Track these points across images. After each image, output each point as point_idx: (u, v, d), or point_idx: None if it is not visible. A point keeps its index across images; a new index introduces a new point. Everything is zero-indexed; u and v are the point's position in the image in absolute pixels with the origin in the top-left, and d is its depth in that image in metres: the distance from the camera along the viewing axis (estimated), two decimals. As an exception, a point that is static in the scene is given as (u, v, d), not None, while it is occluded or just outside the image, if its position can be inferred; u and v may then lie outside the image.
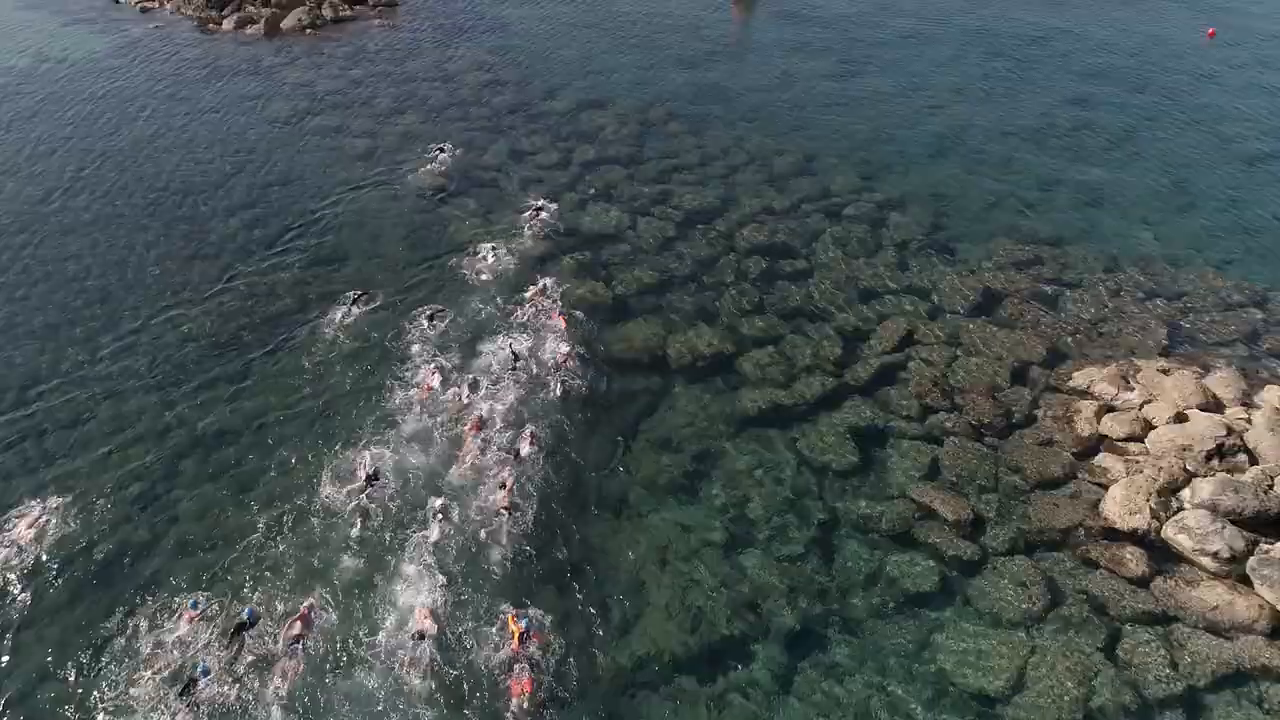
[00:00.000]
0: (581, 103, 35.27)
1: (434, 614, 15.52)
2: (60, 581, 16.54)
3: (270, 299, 23.95)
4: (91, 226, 26.95)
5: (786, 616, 16.32)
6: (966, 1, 48.18)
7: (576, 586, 16.66)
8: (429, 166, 30.16)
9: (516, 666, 14.95)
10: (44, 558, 16.85)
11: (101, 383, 21.00)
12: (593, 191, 29.09)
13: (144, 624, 15.64)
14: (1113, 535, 17.00)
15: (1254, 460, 17.63)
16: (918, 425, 20.20)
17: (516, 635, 15.22)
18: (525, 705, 14.45)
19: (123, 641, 15.45)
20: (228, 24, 40.67)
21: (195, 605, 15.58)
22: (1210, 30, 43.84)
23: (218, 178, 29.59)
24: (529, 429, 19.51)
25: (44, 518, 17.35)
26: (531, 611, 15.81)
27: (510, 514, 17.55)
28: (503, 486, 17.95)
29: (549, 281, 24.27)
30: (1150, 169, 31.71)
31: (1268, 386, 19.83)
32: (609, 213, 27.90)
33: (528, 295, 23.77)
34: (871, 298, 24.50)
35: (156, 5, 43.38)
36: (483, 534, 17.31)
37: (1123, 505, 16.94)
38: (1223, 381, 19.95)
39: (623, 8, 46.19)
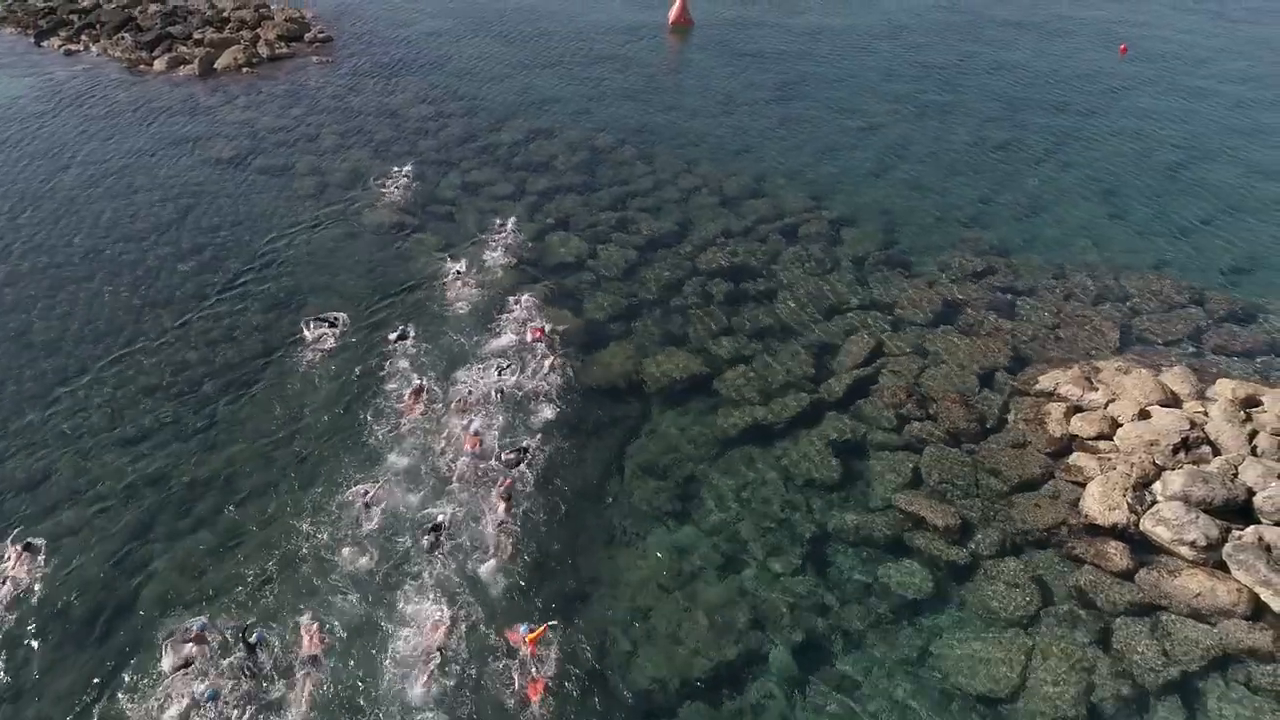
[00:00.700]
0: (529, 133, 35.36)
1: (444, 628, 15.51)
2: (39, 643, 15.62)
3: (229, 344, 23.21)
4: (30, 279, 25.75)
5: (790, 633, 16.40)
6: (887, 28, 50.05)
7: (579, 617, 16.46)
8: (386, 196, 29.89)
9: (530, 669, 15.08)
10: (13, 619, 15.91)
11: (59, 440, 19.98)
12: (550, 221, 29.12)
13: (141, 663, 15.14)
14: (1095, 531, 17.60)
15: (1216, 451, 18.48)
16: (895, 436, 20.65)
17: (522, 643, 15.37)
18: (543, 705, 14.70)
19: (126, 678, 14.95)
20: (159, 65, 39.61)
21: (203, 628, 15.17)
22: (1122, 47, 46.35)
23: (162, 222, 28.67)
24: (528, 442, 19.65)
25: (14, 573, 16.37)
26: (526, 624, 15.75)
27: (511, 523, 17.65)
28: (504, 499, 17.91)
29: (525, 297, 24.41)
30: (1079, 181, 33.22)
31: (1219, 380, 20.85)
32: (569, 241, 27.92)
33: (507, 312, 23.92)
34: (836, 314, 25.01)
35: (81, 48, 42.00)
36: (484, 549, 17.31)
37: (1101, 502, 17.56)
38: (1177, 378, 20.91)
39: (558, 43, 46.52)
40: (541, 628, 15.55)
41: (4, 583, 15.97)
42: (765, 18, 51.10)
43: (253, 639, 14.99)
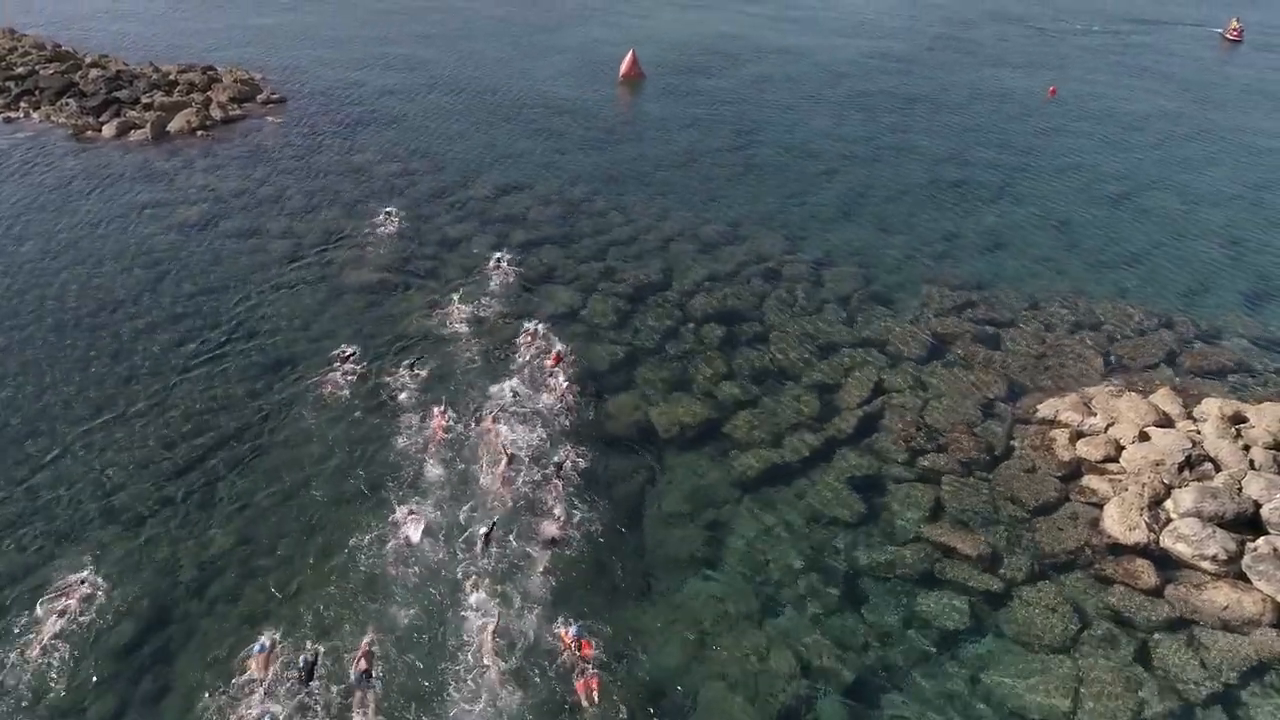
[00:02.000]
0: (500, 187, 35.49)
1: (496, 633, 16.04)
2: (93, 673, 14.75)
3: (224, 412, 22.42)
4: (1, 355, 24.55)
5: (838, 674, 16.40)
6: (828, 77, 52.11)
7: (626, 675, 16.19)
8: (368, 253, 29.82)
9: (580, 669, 15.59)
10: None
11: (62, 522, 18.96)
12: (535, 274, 29.09)
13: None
14: (1118, 550, 18.21)
15: (1218, 467, 19.38)
16: (909, 469, 21.08)
17: (572, 644, 15.88)
18: (596, 701, 15.15)
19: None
20: (109, 130, 38.54)
21: (262, 648, 15.53)
22: (1051, 89, 49.06)
23: (133, 291, 27.67)
24: (559, 456, 20.36)
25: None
26: (578, 624, 16.37)
27: (562, 538, 18.42)
28: (553, 516, 18.72)
29: (538, 325, 25.22)
30: (1032, 215, 34.90)
31: (1204, 400, 21.94)
32: (557, 293, 27.96)
33: (521, 340, 24.73)
34: (831, 353, 25.54)
35: (21, 115, 40.63)
36: (530, 561, 17.93)
37: (1121, 522, 18.20)
38: (1164, 399, 21.93)
39: (511, 98, 47.05)
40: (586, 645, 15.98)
41: (61, 615, 16.43)
42: (711, 70, 52.61)
43: (307, 660, 15.34)
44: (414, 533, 18.12)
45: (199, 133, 38.96)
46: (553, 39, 58.49)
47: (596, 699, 15.20)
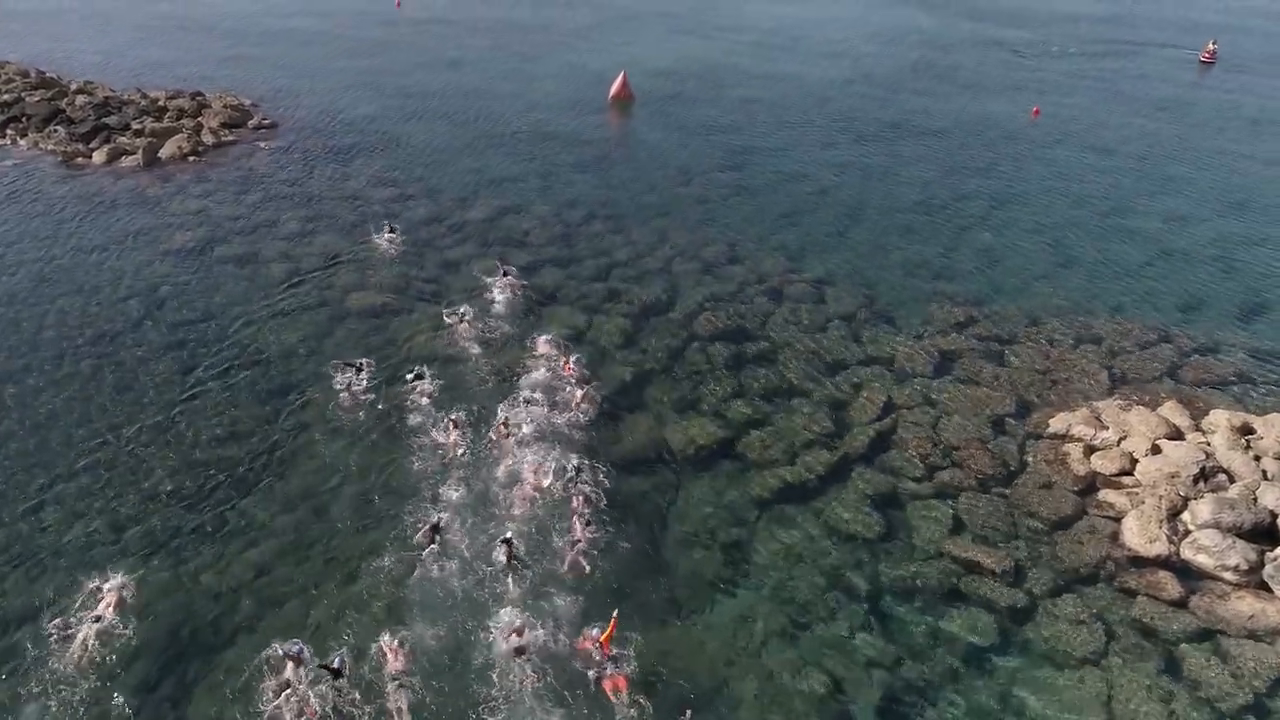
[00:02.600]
0: (498, 210, 35.45)
1: (527, 630, 16.49)
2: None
3: (232, 440, 22.11)
4: (-2, 386, 24.10)
5: (870, 692, 16.38)
6: (814, 100, 52.64)
7: (658, 696, 16.03)
8: (370, 276, 29.81)
9: (607, 668, 16.03)
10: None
11: (71, 557, 18.53)
12: (539, 296, 29.02)
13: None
14: (1140, 563, 18.35)
15: (1232, 478, 19.61)
16: (926, 485, 21.16)
17: (594, 645, 16.30)
18: (625, 699, 15.57)
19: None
20: (99, 157, 38.14)
21: (299, 650, 15.78)
22: (1034, 110, 49.94)
23: (131, 319, 27.30)
24: (576, 461, 20.76)
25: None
26: (598, 626, 16.70)
27: (587, 539, 18.86)
28: (580, 518, 19.18)
29: (547, 336, 25.74)
30: (1025, 233, 35.33)
31: (1211, 412, 22.25)
32: (564, 314, 27.91)
33: (535, 351, 25.24)
34: (839, 370, 25.65)
35: (8, 142, 40.11)
36: (558, 562, 18.48)
37: (1140, 534, 18.35)
38: (1172, 412, 22.21)
39: (502, 121, 47.06)
40: (610, 624, 16.40)
41: (97, 621, 16.51)
42: (698, 93, 53.00)
43: (335, 664, 15.59)
44: (440, 538, 18.65)
45: (191, 158, 38.66)
46: (539, 64, 58.74)
47: (625, 697, 15.57)
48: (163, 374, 24.67)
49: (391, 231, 32.15)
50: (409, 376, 23.78)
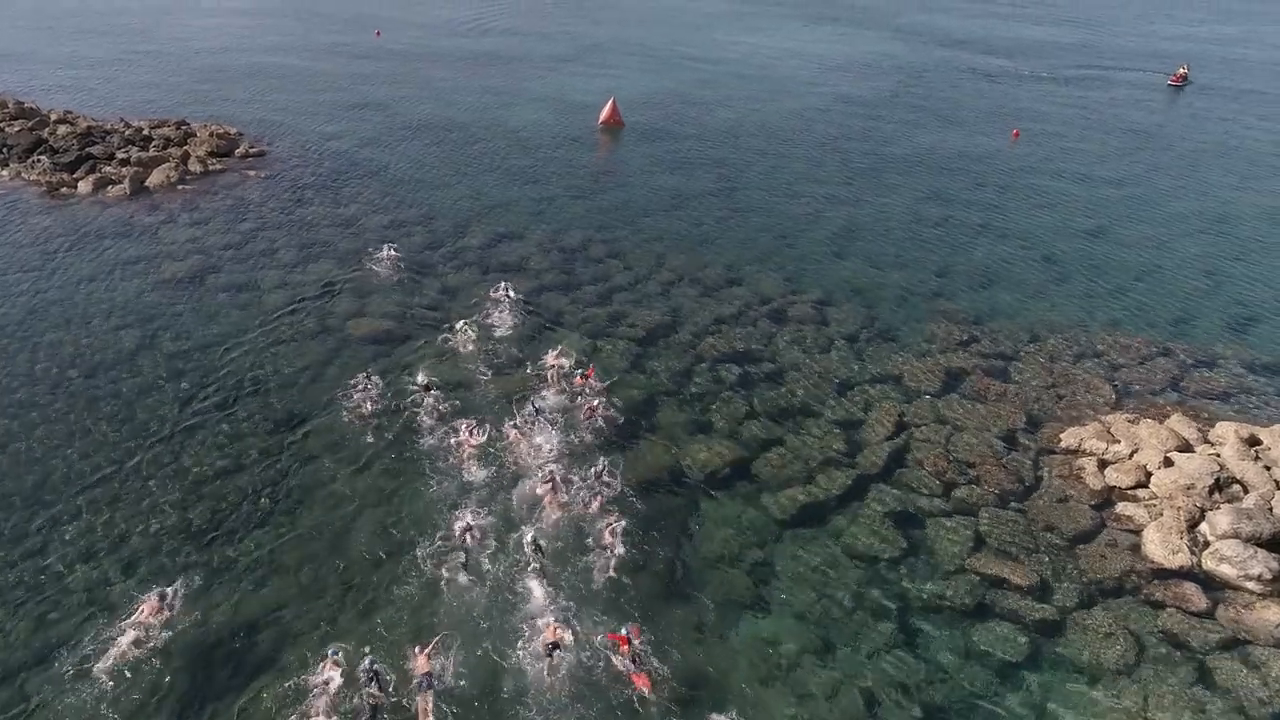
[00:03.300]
0: (495, 236, 35.37)
1: (562, 625, 16.84)
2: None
3: (240, 471, 21.66)
4: (-10, 420, 23.46)
5: (907, 710, 16.28)
6: (799, 123, 53.40)
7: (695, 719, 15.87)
8: (376, 284, 30.24)
9: (634, 664, 16.35)
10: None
11: (78, 597, 17.97)
12: (542, 320, 28.92)
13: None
14: (1163, 575, 18.48)
15: (1245, 489, 19.87)
16: (944, 501, 21.22)
17: (623, 644, 16.58)
18: (651, 695, 15.95)
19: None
20: (84, 187, 37.57)
21: (336, 654, 16.07)
22: (1015, 132, 50.94)
23: (128, 350, 26.77)
24: (599, 465, 21.14)
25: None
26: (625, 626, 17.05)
27: (617, 542, 19.03)
28: (608, 523, 19.43)
29: (559, 348, 26.28)
30: (1016, 251, 35.91)
31: (1218, 424, 22.58)
32: (569, 339, 27.78)
33: (547, 362, 25.61)
34: (848, 390, 25.75)
35: (-10, 172, 39.47)
36: (584, 565, 18.81)
37: (1162, 546, 18.51)
38: (1180, 425, 22.52)
39: (492, 147, 47.16)
40: (633, 629, 16.85)
41: (139, 628, 16.65)
42: (685, 118, 53.51)
43: (371, 667, 15.74)
44: (470, 540, 18.99)
45: (179, 187, 38.22)
46: (522, 92, 58.97)
47: (650, 694, 15.96)
48: (162, 405, 24.16)
49: (390, 249, 32.48)
50: (420, 381, 24.29)
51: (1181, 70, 63.38)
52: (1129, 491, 20.52)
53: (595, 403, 23.58)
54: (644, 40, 76.22)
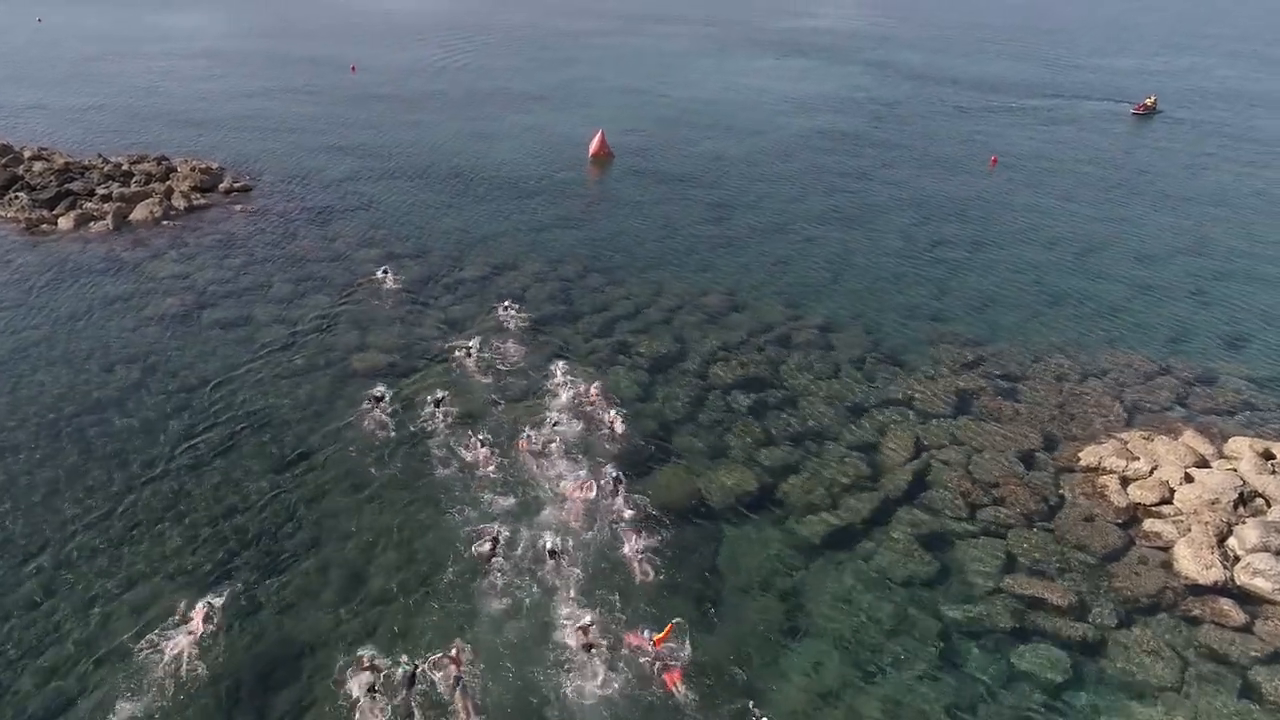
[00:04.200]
0: (492, 267, 35.07)
1: (594, 628, 17.14)
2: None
3: (249, 511, 20.96)
4: (-18, 464, 22.50)
5: (957, 737, 16.06)
6: (782, 152, 54.02)
7: (749, 756, 15.48)
8: (376, 317, 30.03)
9: (660, 664, 16.71)
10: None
11: (84, 651, 17.13)
12: (548, 351, 28.59)
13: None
14: (1198, 590, 18.51)
15: (1268, 503, 20.06)
16: (971, 523, 21.15)
17: (648, 644, 16.91)
18: (683, 690, 16.30)
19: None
20: (65, 223, 36.68)
21: (373, 659, 16.45)
22: (993, 159, 51.95)
23: (122, 388, 25.95)
24: (615, 471, 21.65)
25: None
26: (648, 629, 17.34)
27: (644, 545, 19.57)
28: (633, 528, 20.01)
29: (564, 364, 26.86)
30: (1009, 274, 36.37)
31: (1231, 439, 22.85)
32: (576, 369, 27.50)
33: (556, 379, 26.13)
34: (861, 414, 25.71)
35: (-34, 210, 38.38)
36: (610, 570, 19.16)
37: (1195, 561, 18.55)
38: (1194, 441, 22.75)
39: (480, 179, 46.99)
40: (667, 628, 17.02)
41: (190, 636, 16.95)
42: (669, 149, 53.84)
43: (408, 672, 16.04)
44: (497, 549, 19.40)
45: (164, 222, 37.46)
46: (505, 125, 59.04)
47: (683, 690, 16.28)
48: (163, 444, 23.38)
49: (391, 275, 33.09)
50: (430, 398, 24.83)
51: (1149, 100, 65.30)
52: (1154, 508, 20.62)
53: (611, 414, 24.15)
54: (619, 77, 76.87)
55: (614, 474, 21.52)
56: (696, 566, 19.84)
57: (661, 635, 16.97)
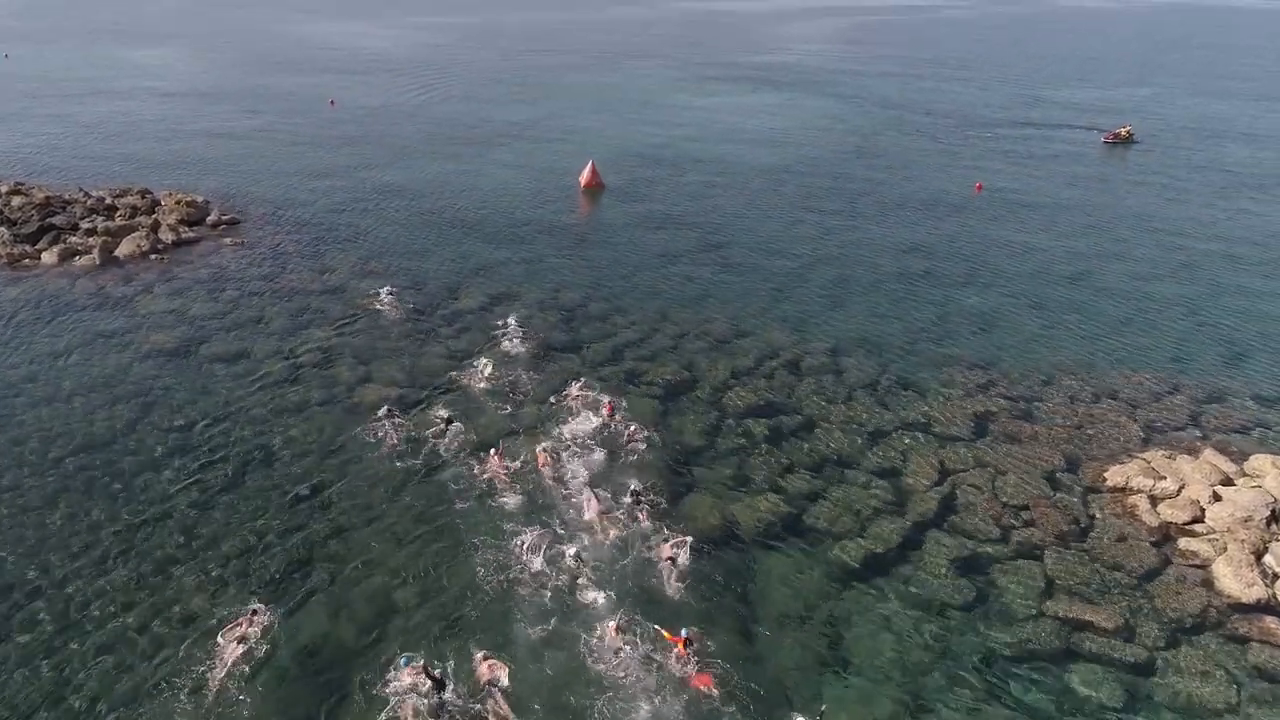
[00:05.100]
0: (491, 297, 34.63)
1: (623, 631, 17.41)
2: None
3: (266, 552, 20.18)
4: (-20, 507, 21.46)
5: (1016, 766, 15.68)
6: (769, 180, 54.43)
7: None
8: (377, 348, 29.93)
9: (692, 666, 16.84)
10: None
11: (111, 694, 16.24)
12: (558, 380, 28.13)
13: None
14: (1241, 608, 18.40)
15: (1298, 517, 20.10)
16: (1004, 546, 20.95)
17: (680, 644, 17.09)
18: (715, 692, 16.36)
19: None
20: (48, 258, 35.65)
21: (409, 662, 16.51)
22: (978, 185, 52.69)
23: (121, 425, 25.05)
24: (635, 485, 21.99)
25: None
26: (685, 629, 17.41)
27: (676, 562, 19.53)
28: (662, 538, 20.26)
29: (580, 381, 27.03)
30: (1006, 296, 36.67)
31: (1252, 456, 22.96)
32: (591, 385, 27.11)
33: (571, 393, 26.41)
34: (880, 438, 25.52)
35: (-57, 246, 37.13)
36: (637, 577, 19.39)
37: (1236, 580, 18.48)
38: (1215, 459, 22.82)
39: (470, 210, 46.68)
40: (692, 633, 17.31)
41: (240, 641, 17.14)
42: (658, 180, 53.87)
43: (436, 673, 16.23)
44: (534, 556, 19.60)
45: (153, 256, 36.57)
46: (489, 157, 58.80)
47: (715, 692, 16.37)
48: (169, 482, 22.57)
49: (391, 292, 33.68)
50: (441, 415, 24.92)
51: (1123, 130, 66.88)
52: (1186, 527, 20.58)
53: (632, 427, 24.61)
54: (598, 111, 77.13)
55: (633, 486, 21.90)
56: (732, 597, 19.38)
57: (684, 639, 17.19)
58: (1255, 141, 69.54)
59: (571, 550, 19.61)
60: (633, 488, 21.82)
